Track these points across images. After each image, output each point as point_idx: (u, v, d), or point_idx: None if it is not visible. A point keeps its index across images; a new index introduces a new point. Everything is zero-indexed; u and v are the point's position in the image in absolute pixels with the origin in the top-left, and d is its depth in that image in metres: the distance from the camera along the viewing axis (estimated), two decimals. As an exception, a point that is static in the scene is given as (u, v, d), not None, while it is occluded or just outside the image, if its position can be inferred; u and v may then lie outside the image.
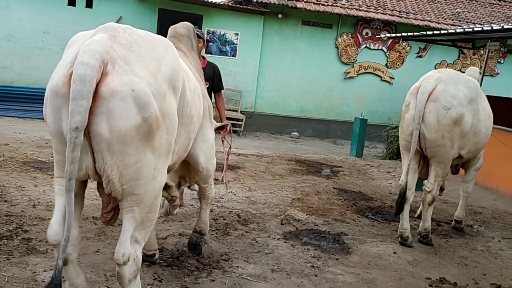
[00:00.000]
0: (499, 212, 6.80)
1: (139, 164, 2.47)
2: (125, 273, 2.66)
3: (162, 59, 2.61)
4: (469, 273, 4.53)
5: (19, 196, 5.09)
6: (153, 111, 2.41)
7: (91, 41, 2.35)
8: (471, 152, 5.20)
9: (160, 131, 2.51)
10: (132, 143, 2.39)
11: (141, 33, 2.66)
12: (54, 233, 2.53)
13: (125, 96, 2.31)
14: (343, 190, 7.20)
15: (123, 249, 2.61)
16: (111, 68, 2.32)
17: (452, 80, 4.77)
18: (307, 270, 4.17)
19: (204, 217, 4.18)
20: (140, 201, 2.58)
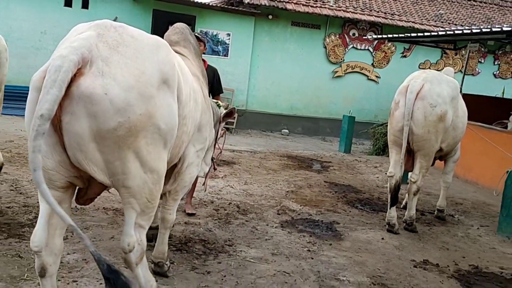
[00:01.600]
0: (478, 203, 7.29)
1: (121, 162, 2.44)
2: (132, 259, 2.76)
3: (150, 61, 2.55)
4: (450, 256, 4.98)
5: (32, 188, 5.41)
6: (131, 115, 2.36)
7: (76, 39, 2.35)
8: (450, 146, 5.69)
9: (146, 132, 2.47)
10: (106, 143, 2.36)
11: (133, 33, 2.60)
12: (37, 239, 2.51)
13: (95, 99, 2.26)
14: (333, 184, 7.62)
15: (127, 239, 2.68)
16: (88, 69, 2.29)
17: (436, 80, 5.24)
18: (304, 253, 4.58)
19: (160, 246, 3.75)
20: (134, 193, 2.59)
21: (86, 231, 4.43)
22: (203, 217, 5.29)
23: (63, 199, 2.56)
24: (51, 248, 2.58)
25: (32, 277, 3.44)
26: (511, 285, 4.43)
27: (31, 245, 2.54)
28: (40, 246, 2.52)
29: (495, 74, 15.40)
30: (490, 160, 7.78)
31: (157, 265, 3.72)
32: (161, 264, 3.71)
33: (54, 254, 2.61)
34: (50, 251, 2.59)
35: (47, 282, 2.65)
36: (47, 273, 2.61)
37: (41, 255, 2.55)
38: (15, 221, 4.42)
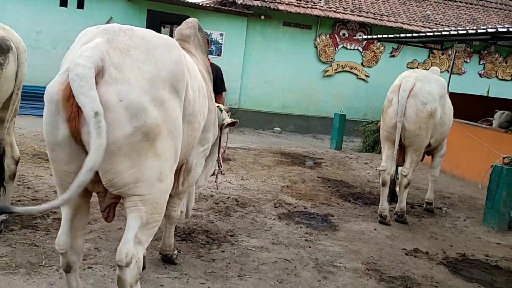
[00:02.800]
0: (464, 196, 7.61)
1: (136, 170, 2.39)
2: (127, 277, 2.51)
3: (162, 63, 2.51)
4: (439, 245, 5.28)
5: (39, 183, 5.61)
6: (147, 119, 2.34)
7: (86, 48, 2.29)
8: (437, 141, 6.02)
9: (162, 137, 2.44)
10: (121, 152, 2.31)
11: (143, 35, 2.55)
12: (62, 243, 2.63)
13: (111, 106, 2.24)
14: (326, 179, 7.90)
15: (126, 248, 2.47)
16: (101, 78, 2.27)
17: (426, 79, 5.55)
18: (302, 243, 4.85)
19: (167, 240, 3.91)
20: (145, 201, 2.49)
21: (95, 222, 4.65)
22: (204, 210, 5.52)
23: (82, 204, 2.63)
24: (74, 248, 2.70)
25: (50, 264, 3.66)
26: (495, 271, 4.74)
27: (57, 248, 2.65)
28: (66, 249, 2.64)
29: (480, 74, 15.82)
30: (476, 156, 8.11)
31: (166, 256, 3.95)
32: (169, 255, 3.95)
33: (77, 253, 2.73)
34: (74, 251, 2.71)
35: (71, 276, 2.78)
36: (72, 269, 2.75)
37: (66, 255, 2.67)
38: (27, 214, 4.61)
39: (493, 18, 16.75)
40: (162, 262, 3.97)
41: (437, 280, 4.30)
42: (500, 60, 15.81)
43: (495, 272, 4.71)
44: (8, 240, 3.95)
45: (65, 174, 2.41)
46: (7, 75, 3.65)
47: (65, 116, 2.25)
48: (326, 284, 3.95)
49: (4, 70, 3.61)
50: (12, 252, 3.76)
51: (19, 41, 3.82)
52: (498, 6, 17.58)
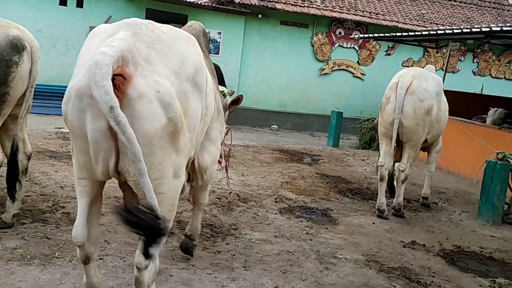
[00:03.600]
0: (460, 191, 7.79)
1: (164, 164, 2.42)
2: (145, 278, 2.61)
3: (184, 55, 2.54)
4: (435, 238, 5.45)
5: (46, 179, 5.73)
6: (177, 110, 2.37)
7: (114, 39, 2.31)
8: (434, 137, 6.20)
9: (184, 130, 2.47)
10: (158, 144, 2.34)
11: (163, 28, 2.59)
12: (79, 235, 2.60)
13: (151, 98, 2.27)
14: (324, 175, 8.06)
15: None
16: (134, 70, 2.27)
17: (423, 77, 5.72)
18: (303, 236, 5.00)
19: (195, 223, 4.03)
20: (163, 200, 2.49)
21: (102, 217, 4.76)
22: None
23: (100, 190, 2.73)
24: (91, 239, 2.70)
25: (63, 255, 3.79)
26: (490, 262, 4.92)
27: (74, 241, 2.63)
28: (83, 241, 2.61)
29: (474, 72, 16.05)
30: (470, 152, 8.29)
31: (189, 238, 3.96)
32: (193, 237, 3.97)
33: (94, 243, 2.74)
34: (92, 242, 2.71)
35: (90, 268, 2.80)
36: (91, 260, 2.76)
37: (84, 247, 2.67)
38: (36, 208, 4.75)
39: (487, 17, 16.98)
40: (170, 254, 4.08)
41: (434, 271, 4.46)
42: (494, 59, 16.05)
43: (490, 263, 4.88)
44: (21, 233, 4.09)
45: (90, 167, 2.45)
46: (22, 73, 3.78)
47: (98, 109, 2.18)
48: (328, 274, 4.10)
49: (19, 68, 3.74)
50: (26, 244, 3.89)
51: (33, 40, 3.95)
52: (491, 5, 17.81)
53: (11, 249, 3.77)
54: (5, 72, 3.69)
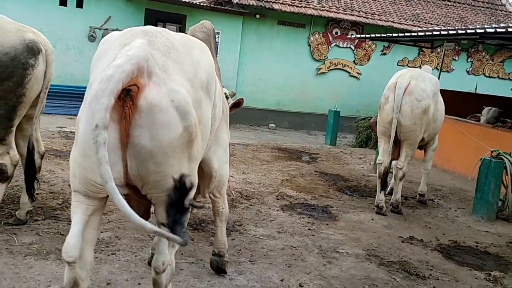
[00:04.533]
0: (455, 189, 8.00)
1: (178, 174, 2.31)
2: (163, 280, 2.68)
3: (198, 64, 2.55)
4: (432, 233, 5.64)
5: (53, 178, 5.87)
6: (193, 119, 2.34)
7: (131, 47, 2.29)
8: (430, 136, 6.40)
9: (198, 138, 2.44)
10: (173, 154, 2.29)
11: (177, 36, 2.58)
12: (71, 249, 2.37)
13: (164, 107, 2.22)
14: (323, 173, 8.24)
15: (163, 258, 2.60)
16: (148, 80, 2.23)
17: (421, 77, 5.91)
18: (306, 231, 5.17)
19: (220, 237, 3.90)
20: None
21: (111, 213, 4.92)
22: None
23: (99, 209, 2.50)
24: (84, 260, 2.46)
25: (62, 252, 3.93)
26: (485, 256, 5.11)
27: (64, 256, 2.38)
28: (75, 257, 2.38)
29: (468, 71, 16.28)
30: (465, 150, 8.49)
31: (218, 255, 3.83)
32: (222, 253, 3.84)
33: (86, 269, 2.49)
34: (83, 264, 2.47)
35: None
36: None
37: (74, 266, 2.42)
38: (47, 205, 4.90)
39: (480, 17, 17.22)
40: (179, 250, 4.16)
41: (432, 264, 4.65)
42: (487, 58, 16.29)
43: (485, 257, 5.08)
44: (35, 229, 4.23)
45: (92, 184, 2.31)
46: (37, 75, 3.92)
47: (114, 117, 2.18)
48: (331, 268, 4.27)
49: (34, 70, 3.88)
50: (40, 240, 4.04)
51: (47, 43, 4.09)
52: (485, 5, 18.06)
53: (27, 244, 3.92)
54: (21, 74, 3.83)
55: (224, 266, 3.85)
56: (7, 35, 3.78)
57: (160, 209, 2.44)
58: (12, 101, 3.85)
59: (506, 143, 7.38)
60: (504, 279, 4.47)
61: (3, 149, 3.93)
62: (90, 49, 11.97)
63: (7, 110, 3.84)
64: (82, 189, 2.37)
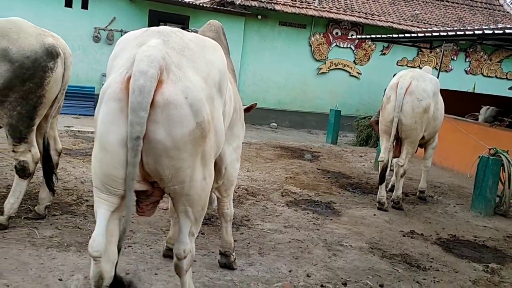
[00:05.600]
0: (454, 186, 8.22)
1: (192, 168, 2.47)
2: (184, 265, 2.84)
3: (211, 62, 2.63)
4: (432, 228, 5.85)
5: (66, 175, 6.06)
6: (205, 115, 2.42)
7: (147, 47, 2.37)
8: (430, 134, 6.61)
9: (210, 134, 2.53)
10: (186, 148, 2.39)
11: (190, 36, 2.66)
12: (96, 244, 2.43)
13: (179, 104, 2.31)
14: (325, 171, 8.45)
15: (183, 246, 2.72)
16: (166, 76, 2.33)
17: (421, 77, 6.12)
18: (311, 226, 5.38)
19: (225, 237, 4.00)
20: (193, 201, 2.60)
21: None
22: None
23: (121, 206, 2.54)
24: (108, 254, 2.54)
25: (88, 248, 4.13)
26: (483, 249, 5.32)
27: (90, 251, 2.45)
28: (100, 251, 2.45)
29: (466, 71, 16.52)
30: (464, 148, 8.70)
31: (224, 255, 3.97)
32: (228, 253, 3.97)
33: (111, 262, 2.57)
34: (108, 258, 2.55)
35: None
36: (104, 283, 2.57)
37: (99, 261, 2.50)
38: (63, 201, 5.09)
39: (478, 17, 17.44)
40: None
41: (432, 257, 4.85)
42: (485, 58, 16.52)
43: (483, 250, 5.29)
44: (54, 224, 4.43)
45: (112, 179, 2.40)
46: (56, 77, 4.12)
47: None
48: (336, 260, 4.48)
49: (53, 73, 4.08)
50: (60, 233, 4.24)
51: (65, 47, 4.29)
52: (483, 6, 18.29)
53: (48, 237, 4.12)
54: (41, 76, 4.02)
55: (232, 265, 3.99)
56: (28, 39, 3.98)
57: (178, 202, 2.61)
58: (33, 101, 4.04)
59: (504, 141, 7.60)
60: (501, 271, 4.68)
61: (24, 147, 4.12)
62: (95, 49, 12.19)
63: (28, 110, 4.04)
64: (103, 185, 2.44)
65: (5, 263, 3.55)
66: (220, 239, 4.09)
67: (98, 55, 12.15)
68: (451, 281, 4.30)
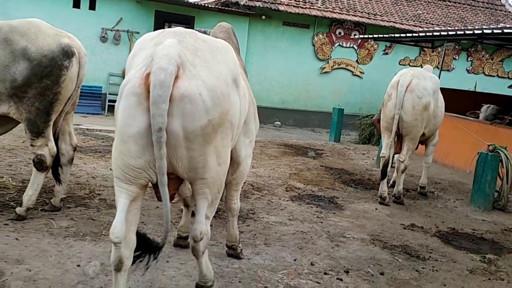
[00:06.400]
0: (454, 182, 8.39)
1: (203, 156, 2.65)
2: (200, 247, 3.00)
3: (223, 62, 2.78)
4: (432, 221, 6.04)
5: (77, 171, 6.27)
6: (216, 113, 2.58)
7: (164, 46, 2.53)
8: (431, 131, 6.80)
9: (223, 127, 2.70)
10: (196, 141, 2.57)
11: (203, 38, 2.82)
12: (117, 231, 2.64)
13: (193, 98, 2.48)
14: (328, 167, 8.64)
15: (200, 227, 2.89)
16: (182, 72, 2.49)
17: (422, 76, 6.31)
18: (314, 219, 5.58)
19: (231, 231, 4.14)
20: (209, 184, 2.80)
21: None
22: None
23: (139, 195, 2.74)
24: (127, 241, 2.73)
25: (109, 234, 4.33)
26: (481, 241, 5.51)
27: (112, 237, 2.65)
28: (121, 238, 2.65)
29: (468, 70, 16.68)
30: (464, 146, 8.88)
31: (231, 248, 4.15)
32: (235, 246, 4.14)
33: (130, 248, 2.76)
34: (127, 244, 2.74)
35: (121, 277, 2.81)
36: (123, 266, 2.76)
37: (120, 246, 2.71)
38: (76, 195, 5.30)
39: (480, 17, 17.59)
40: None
41: (431, 248, 5.04)
42: (487, 57, 16.69)
43: (481, 242, 5.47)
44: (69, 215, 4.64)
45: (131, 168, 2.59)
46: (71, 76, 4.34)
47: (147, 106, 2.46)
48: (339, 250, 4.68)
49: (69, 71, 4.30)
50: (76, 224, 4.45)
51: (80, 47, 4.52)
52: (485, 5, 18.43)
53: (65, 228, 4.33)
54: (57, 74, 4.24)
55: (239, 255, 4.16)
56: (46, 39, 4.21)
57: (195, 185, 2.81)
58: (49, 98, 4.25)
59: (503, 138, 7.77)
60: (497, 261, 4.85)
61: (42, 141, 4.33)
62: (102, 49, 12.42)
63: (45, 106, 4.25)
64: (122, 175, 2.62)
65: (26, 250, 3.77)
66: (226, 234, 4.25)
67: (105, 55, 12.39)
68: (449, 270, 4.48)
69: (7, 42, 4.10)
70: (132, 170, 2.59)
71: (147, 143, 2.51)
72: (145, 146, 2.52)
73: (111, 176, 6.26)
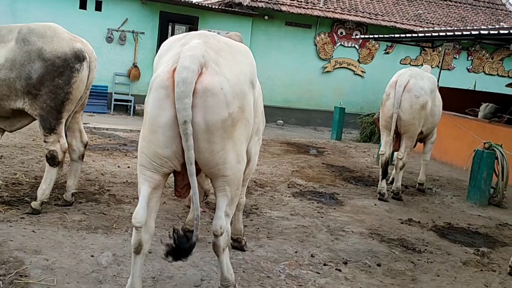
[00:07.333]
0: (452, 179, 8.60)
1: (225, 151, 2.83)
2: (221, 243, 3.10)
3: (243, 63, 3.01)
4: (429, 216, 6.25)
5: (87, 168, 6.50)
6: (235, 107, 2.79)
7: (190, 47, 2.79)
8: (428, 129, 7.01)
9: (241, 123, 2.89)
10: (217, 133, 2.75)
11: (225, 40, 3.08)
12: (139, 216, 2.85)
13: (215, 92, 2.71)
14: (330, 165, 8.86)
15: (220, 223, 3.03)
16: (205, 70, 2.74)
17: (419, 76, 6.52)
18: (315, 214, 5.79)
19: (236, 224, 4.30)
20: (229, 181, 2.96)
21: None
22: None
23: (161, 184, 2.97)
24: (147, 226, 2.96)
25: (119, 227, 4.56)
26: (475, 235, 5.72)
27: (134, 222, 2.87)
28: (142, 223, 2.87)
29: (468, 69, 16.86)
30: (462, 144, 9.07)
31: (236, 241, 4.35)
32: (239, 239, 4.36)
33: (149, 233, 3.00)
34: (147, 230, 2.97)
35: (139, 260, 3.02)
36: (142, 249, 2.98)
37: (140, 231, 2.92)
38: (86, 191, 5.54)
39: (481, 17, 17.75)
40: (206, 227, 4.81)
41: (427, 242, 5.25)
42: (487, 56, 16.86)
43: (475, 236, 5.68)
44: (81, 210, 4.88)
45: (158, 157, 2.82)
46: (82, 78, 4.59)
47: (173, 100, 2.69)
48: (338, 243, 4.89)
49: (80, 74, 4.55)
50: (88, 218, 4.68)
51: (92, 52, 4.78)
52: (485, 5, 18.58)
53: (78, 221, 4.56)
54: (69, 75, 4.49)
55: (243, 248, 4.38)
56: (60, 42, 4.49)
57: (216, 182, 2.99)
58: (61, 96, 4.50)
59: (500, 136, 7.97)
60: (491, 254, 5.06)
61: (54, 138, 4.58)
62: (108, 49, 12.65)
63: (56, 104, 4.50)
64: (149, 163, 2.85)
65: (42, 241, 4.00)
66: (231, 227, 4.25)
67: (111, 55, 12.62)
68: (443, 262, 4.70)
69: (25, 43, 4.39)
70: (159, 158, 2.82)
71: (175, 134, 2.73)
72: (173, 137, 2.74)
73: (119, 173, 6.51)
